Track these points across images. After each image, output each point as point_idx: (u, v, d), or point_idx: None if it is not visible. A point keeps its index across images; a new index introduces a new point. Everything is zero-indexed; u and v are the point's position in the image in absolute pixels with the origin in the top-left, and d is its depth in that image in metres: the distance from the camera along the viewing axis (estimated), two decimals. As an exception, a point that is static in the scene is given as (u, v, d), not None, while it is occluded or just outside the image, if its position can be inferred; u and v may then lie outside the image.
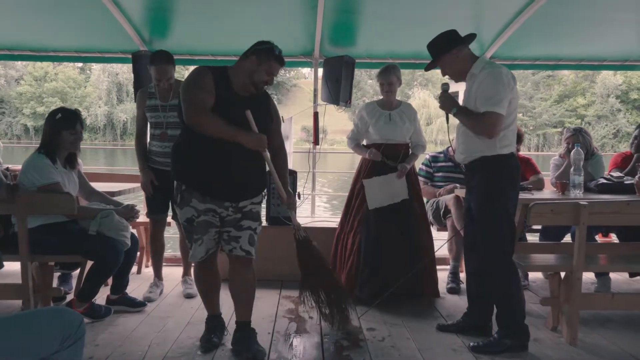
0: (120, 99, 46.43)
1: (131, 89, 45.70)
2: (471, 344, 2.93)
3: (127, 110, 45.30)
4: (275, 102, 2.98)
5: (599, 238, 4.40)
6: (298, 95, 57.92)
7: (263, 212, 3.82)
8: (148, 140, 3.83)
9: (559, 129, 38.32)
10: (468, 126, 2.89)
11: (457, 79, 3.01)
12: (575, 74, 40.18)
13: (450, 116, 3.00)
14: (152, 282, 3.87)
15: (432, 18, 4.43)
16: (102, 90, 46.10)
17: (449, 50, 2.91)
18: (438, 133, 39.33)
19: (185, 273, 3.96)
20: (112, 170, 6.63)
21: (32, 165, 3.13)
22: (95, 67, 46.68)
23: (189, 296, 3.75)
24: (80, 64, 47.11)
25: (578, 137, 4.14)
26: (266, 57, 2.60)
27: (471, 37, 2.97)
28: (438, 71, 3.12)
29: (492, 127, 2.77)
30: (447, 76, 3.07)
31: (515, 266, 2.94)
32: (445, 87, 3.03)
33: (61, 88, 45.43)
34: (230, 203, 2.69)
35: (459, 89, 3.08)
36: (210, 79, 2.58)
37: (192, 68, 3.83)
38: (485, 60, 2.98)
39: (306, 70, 67.89)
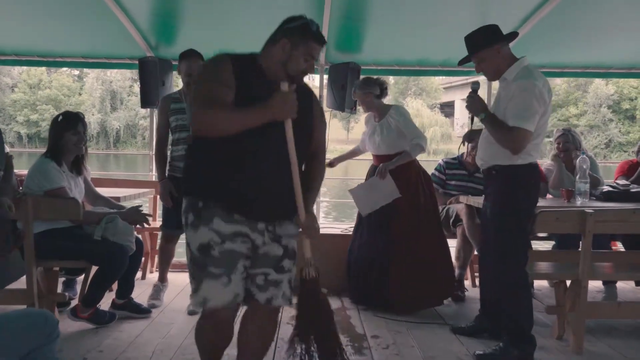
0: (114, 107, 46.43)
1: (125, 97, 45.90)
2: (477, 352, 2.91)
3: (121, 118, 45.27)
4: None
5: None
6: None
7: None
8: (170, 148, 3.69)
9: (552, 139, 38.48)
10: (494, 136, 2.77)
11: (493, 77, 2.88)
12: (567, 83, 40.20)
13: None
14: (155, 287, 3.83)
15: (437, 26, 4.45)
16: (95, 98, 46.19)
17: (490, 45, 2.76)
18: (431, 142, 39.22)
19: None
20: (112, 175, 6.64)
21: (38, 170, 3.15)
22: (90, 74, 46.79)
23: (193, 313, 3.45)
24: (77, 72, 47.17)
25: (568, 136, 4.20)
26: (301, 37, 1.98)
27: (513, 35, 2.85)
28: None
29: (519, 143, 2.67)
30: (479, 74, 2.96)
31: (526, 277, 2.89)
32: (475, 86, 2.90)
33: (55, 96, 45.44)
34: (265, 224, 2.05)
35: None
36: (229, 70, 1.96)
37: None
38: (522, 64, 2.78)
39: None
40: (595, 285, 4.16)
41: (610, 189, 3.74)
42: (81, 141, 3.25)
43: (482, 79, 3.13)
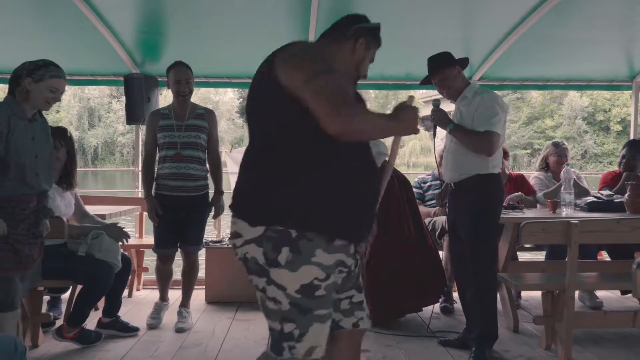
0: (92, 124, 45.65)
1: (104, 114, 45.34)
2: None
3: (99, 135, 44.33)
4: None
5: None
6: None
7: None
8: (156, 166, 3.61)
9: (528, 150, 39.05)
10: (465, 143, 2.93)
11: (453, 96, 3.05)
12: (543, 96, 40.96)
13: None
14: (156, 305, 3.72)
15: (422, 41, 4.50)
16: (72, 116, 45.48)
17: (453, 65, 2.99)
18: (410, 155, 39.45)
19: (183, 304, 3.69)
20: (89, 192, 6.58)
21: None
22: (67, 91, 45.94)
23: (180, 330, 3.49)
24: None
25: (565, 150, 4.40)
26: (373, 39, 1.85)
27: (465, 60, 3.06)
28: (431, 94, 3.16)
29: (494, 145, 2.88)
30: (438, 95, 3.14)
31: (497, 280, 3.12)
32: (436, 102, 3.07)
33: (30, 113, 44.86)
34: (354, 245, 1.75)
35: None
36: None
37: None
38: (476, 85, 3.08)
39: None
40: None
41: (595, 199, 3.79)
42: (62, 155, 3.25)
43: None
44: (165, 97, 3.79)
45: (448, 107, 3.15)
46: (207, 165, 3.64)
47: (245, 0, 3.95)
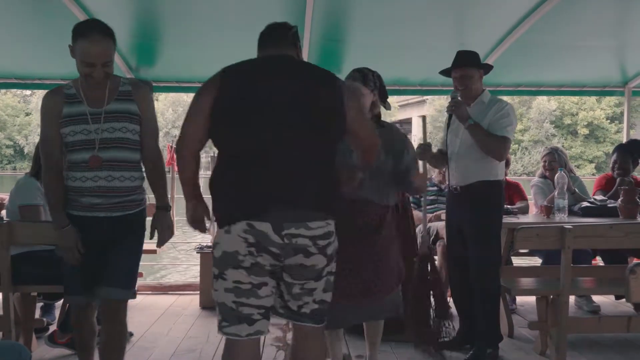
0: None
1: None
2: None
3: None
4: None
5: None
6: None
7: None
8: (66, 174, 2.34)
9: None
10: (482, 142, 2.95)
11: (469, 97, 3.08)
12: (511, 99, 40.95)
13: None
14: None
15: (416, 46, 4.52)
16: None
17: (480, 67, 3.09)
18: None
19: None
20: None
21: (17, 187, 3.17)
22: (36, 94, 45.28)
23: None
24: (28, 92, 46.03)
25: (554, 155, 4.21)
26: None
27: (489, 67, 3.20)
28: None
29: (506, 151, 3.05)
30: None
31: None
32: (455, 94, 3.06)
33: (-2, 116, 44.21)
34: None
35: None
36: None
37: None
38: (488, 93, 3.16)
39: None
40: (573, 299, 4.19)
41: (588, 204, 3.81)
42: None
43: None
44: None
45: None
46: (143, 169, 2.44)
47: (240, 5, 3.95)
